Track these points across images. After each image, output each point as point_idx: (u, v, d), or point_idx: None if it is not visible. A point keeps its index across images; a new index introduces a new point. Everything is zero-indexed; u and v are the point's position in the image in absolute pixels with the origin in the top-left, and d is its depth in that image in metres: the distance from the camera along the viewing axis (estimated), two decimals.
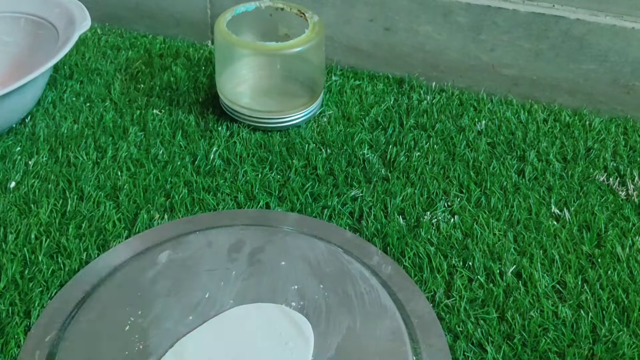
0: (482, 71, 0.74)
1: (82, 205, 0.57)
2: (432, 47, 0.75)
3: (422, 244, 0.54)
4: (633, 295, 0.50)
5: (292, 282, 0.48)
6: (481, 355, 0.46)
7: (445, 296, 0.50)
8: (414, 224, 0.56)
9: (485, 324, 0.48)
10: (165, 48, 0.82)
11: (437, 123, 0.68)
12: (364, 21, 0.76)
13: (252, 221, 0.55)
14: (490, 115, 0.70)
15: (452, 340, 0.47)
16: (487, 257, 0.53)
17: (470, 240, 0.55)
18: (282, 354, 0.43)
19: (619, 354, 0.46)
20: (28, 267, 0.51)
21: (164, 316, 0.45)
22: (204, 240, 0.52)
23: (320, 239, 0.53)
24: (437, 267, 0.52)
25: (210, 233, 0.53)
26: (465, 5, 0.70)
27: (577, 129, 0.68)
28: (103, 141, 0.65)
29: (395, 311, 0.47)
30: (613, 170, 0.63)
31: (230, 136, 0.66)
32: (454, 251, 0.54)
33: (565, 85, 0.72)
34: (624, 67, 0.69)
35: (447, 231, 0.56)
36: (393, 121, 0.69)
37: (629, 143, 0.67)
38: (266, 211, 0.58)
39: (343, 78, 0.77)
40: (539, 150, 0.65)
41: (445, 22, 0.72)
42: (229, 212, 0.57)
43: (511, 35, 0.71)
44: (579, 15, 0.68)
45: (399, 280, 0.50)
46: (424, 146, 0.65)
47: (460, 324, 0.48)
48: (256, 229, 0.54)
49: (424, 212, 0.58)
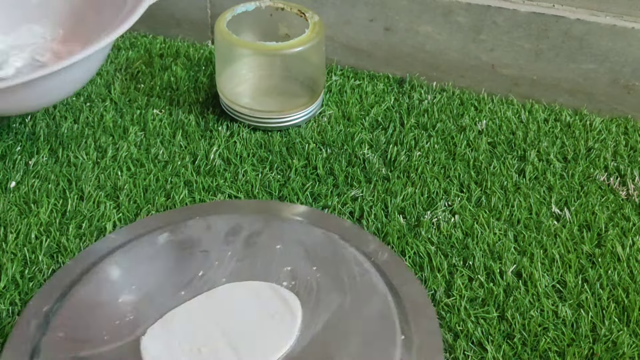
0: (482, 71, 0.74)
1: (83, 205, 0.57)
2: (433, 47, 0.75)
3: (423, 243, 0.54)
4: (633, 295, 0.50)
5: (285, 264, 0.49)
6: (481, 355, 0.46)
7: (446, 295, 0.50)
8: (414, 223, 0.56)
9: (485, 323, 0.48)
10: (166, 48, 0.82)
11: (437, 123, 0.68)
12: (364, 21, 0.76)
13: (253, 210, 0.57)
14: (491, 115, 0.70)
15: (453, 339, 0.46)
16: (487, 257, 0.53)
17: (470, 240, 0.55)
18: (269, 327, 0.44)
19: (619, 354, 0.46)
20: (28, 267, 0.51)
21: (157, 291, 0.47)
22: (203, 224, 0.53)
23: (318, 227, 0.53)
24: (438, 266, 0.52)
25: (211, 218, 0.54)
26: (465, 5, 0.70)
27: (578, 128, 0.68)
28: (103, 141, 0.65)
29: (387, 293, 0.47)
30: (614, 170, 0.63)
31: (230, 136, 0.66)
32: (455, 250, 0.54)
33: (566, 85, 0.72)
34: (624, 67, 0.68)
35: (448, 230, 0.56)
36: (393, 121, 0.69)
37: (629, 143, 0.67)
38: (269, 202, 0.58)
39: (343, 78, 0.77)
40: (539, 150, 0.65)
41: (445, 22, 0.72)
42: (232, 201, 0.58)
43: (511, 35, 0.71)
44: (579, 15, 0.68)
45: (394, 266, 0.51)
46: (424, 146, 0.65)
47: (461, 322, 0.48)
48: (256, 216, 0.55)
49: (425, 211, 0.57)
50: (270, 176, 0.61)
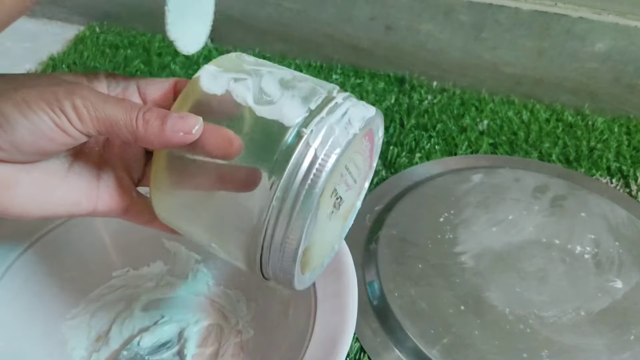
0: (483, 70, 0.74)
1: None
2: (434, 45, 0.74)
3: None
4: None
5: (589, 231, 0.53)
6: None
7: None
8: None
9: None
10: (164, 47, 0.82)
11: (438, 123, 0.68)
12: (365, 19, 0.75)
13: (557, 174, 0.61)
14: (492, 115, 0.70)
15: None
16: None
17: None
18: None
19: None
20: None
21: (472, 221, 0.54)
22: (512, 175, 0.59)
23: (622, 207, 0.56)
24: None
25: (518, 172, 0.59)
26: (467, 3, 0.69)
27: (580, 129, 0.68)
28: None
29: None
30: (616, 171, 0.62)
31: None
32: None
33: (568, 84, 0.71)
34: (626, 66, 0.68)
35: None
36: (394, 121, 0.68)
37: (632, 143, 0.66)
38: (572, 171, 0.62)
39: (343, 77, 0.76)
40: (541, 151, 0.64)
41: (446, 21, 0.72)
42: (536, 161, 0.64)
43: (513, 34, 0.70)
44: (581, 13, 0.67)
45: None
46: (425, 147, 0.65)
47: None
48: (561, 181, 0.59)
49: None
50: None
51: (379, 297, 0.47)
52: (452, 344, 0.43)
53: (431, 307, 0.46)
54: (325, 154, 0.25)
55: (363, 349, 0.44)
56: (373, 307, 0.47)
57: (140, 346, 0.43)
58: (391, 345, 0.44)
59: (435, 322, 0.44)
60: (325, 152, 0.25)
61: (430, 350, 0.42)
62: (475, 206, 0.55)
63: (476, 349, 0.43)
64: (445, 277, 0.48)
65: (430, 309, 0.45)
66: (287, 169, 0.24)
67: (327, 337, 0.33)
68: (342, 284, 0.36)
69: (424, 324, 0.44)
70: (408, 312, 0.45)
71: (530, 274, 0.49)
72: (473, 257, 0.50)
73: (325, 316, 0.35)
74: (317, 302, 0.36)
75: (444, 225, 0.53)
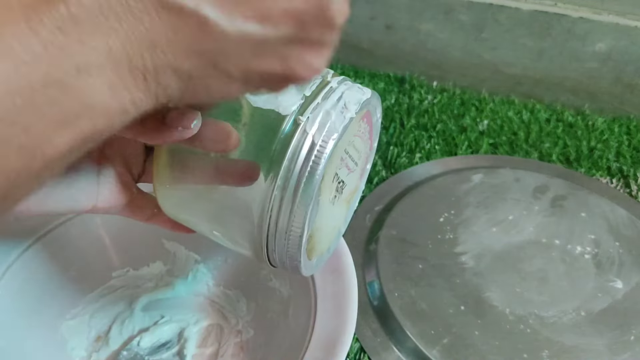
0: (484, 70, 0.74)
1: None
2: (434, 45, 0.74)
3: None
4: None
5: (589, 231, 0.53)
6: None
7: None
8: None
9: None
10: None
11: (438, 123, 0.68)
12: (365, 19, 0.75)
13: (557, 174, 0.61)
14: (492, 115, 0.70)
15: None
16: None
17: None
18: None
19: None
20: None
21: (472, 221, 0.54)
22: (512, 175, 0.59)
23: (622, 207, 0.56)
24: None
25: (519, 172, 0.59)
26: (467, 3, 0.69)
27: (580, 129, 0.68)
28: None
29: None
30: (616, 171, 0.62)
31: None
32: None
33: (568, 84, 0.71)
34: (627, 66, 0.68)
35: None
36: (394, 121, 0.68)
37: (632, 143, 0.66)
38: (572, 171, 0.62)
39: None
40: (541, 151, 0.64)
41: (447, 20, 0.72)
42: (536, 161, 0.64)
43: (513, 34, 0.70)
44: (581, 13, 0.67)
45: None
46: (425, 147, 0.64)
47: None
48: (561, 181, 0.58)
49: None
50: None
51: (379, 297, 0.47)
52: (452, 344, 0.43)
53: (431, 307, 0.45)
54: (323, 140, 0.25)
55: (363, 349, 0.44)
56: (373, 307, 0.47)
57: (140, 346, 0.43)
58: (391, 346, 0.44)
59: (436, 322, 0.44)
60: (322, 138, 0.25)
61: (430, 350, 0.42)
62: (476, 206, 0.55)
63: (476, 349, 0.43)
64: (446, 277, 0.48)
65: (430, 309, 0.45)
66: (286, 157, 0.25)
67: (327, 337, 0.33)
68: (342, 284, 0.36)
69: (424, 324, 0.44)
70: (408, 313, 0.45)
71: (530, 274, 0.49)
72: (473, 257, 0.50)
73: (325, 316, 0.35)
74: (317, 302, 0.36)
75: (444, 225, 0.53)
